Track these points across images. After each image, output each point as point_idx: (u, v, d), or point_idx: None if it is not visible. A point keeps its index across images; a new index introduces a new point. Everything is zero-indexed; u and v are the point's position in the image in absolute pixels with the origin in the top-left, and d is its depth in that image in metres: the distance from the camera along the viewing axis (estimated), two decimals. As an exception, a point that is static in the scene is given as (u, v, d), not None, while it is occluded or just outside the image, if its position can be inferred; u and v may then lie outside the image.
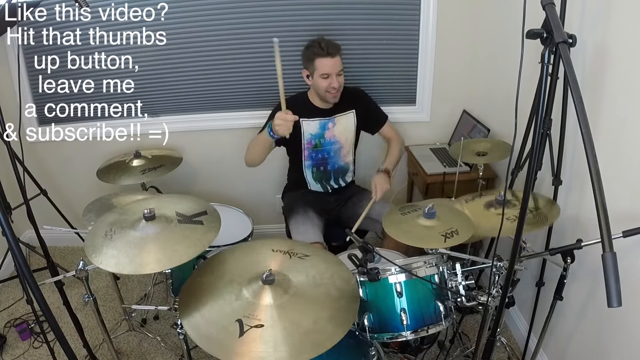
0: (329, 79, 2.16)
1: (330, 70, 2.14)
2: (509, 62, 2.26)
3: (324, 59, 2.12)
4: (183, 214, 1.50)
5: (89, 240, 1.40)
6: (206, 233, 1.42)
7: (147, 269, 1.31)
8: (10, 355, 2.26)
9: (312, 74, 2.19)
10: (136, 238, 1.38)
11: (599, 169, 0.89)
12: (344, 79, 2.23)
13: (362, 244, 1.46)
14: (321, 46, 2.12)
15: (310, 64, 2.17)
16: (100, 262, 1.30)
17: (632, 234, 1.31)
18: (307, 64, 2.20)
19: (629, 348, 1.52)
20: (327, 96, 2.22)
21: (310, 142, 2.34)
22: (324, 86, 2.18)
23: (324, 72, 2.14)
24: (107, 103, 2.72)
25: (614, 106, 1.51)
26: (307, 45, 2.21)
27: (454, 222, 1.61)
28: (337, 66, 2.15)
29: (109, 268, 1.30)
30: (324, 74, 2.14)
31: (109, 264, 1.30)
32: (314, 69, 2.16)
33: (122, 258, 1.31)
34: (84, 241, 1.37)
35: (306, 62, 2.21)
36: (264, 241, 1.57)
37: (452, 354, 2.17)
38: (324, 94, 2.21)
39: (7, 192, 2.14)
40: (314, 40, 2.19)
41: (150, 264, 1.31)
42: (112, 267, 1.30)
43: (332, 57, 2.12)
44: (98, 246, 1.36)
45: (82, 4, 1.83)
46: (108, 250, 1.34)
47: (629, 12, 1.41)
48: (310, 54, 2.16)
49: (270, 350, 1.14)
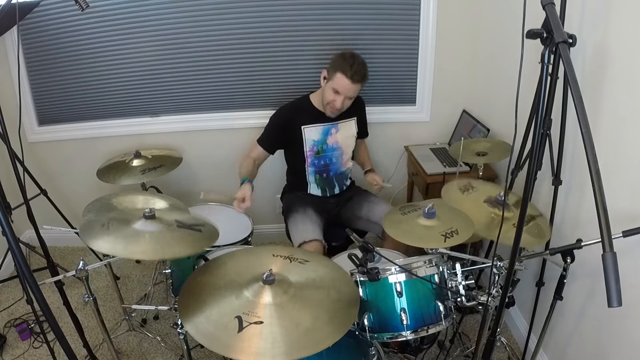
0: (337, 96, 2.14)
1: (343, 91, 2.12)
2: (509, 62, 2.27)
3: (347, 79, 2.08)
4: (183, 222, 1.51)
5: (84, 227, 1.41)
6: (203, 239, 1.44)
7: (139, 255, 1.32)
8: (10, 355, 2.26)
9: (328, 80, 2.16)
10: (134, 230, 1.40)
11: (599, 169, 0.89)
12: (350, 103, 2.21)
13: (362, 243, 1.46)
14: (352, 68, 2.07)
15: (333, 72, 2.12)
16: (93, 245, 1.32)
17: (632, 234, 1.31)
18: (330, 70, 2.15)
19: (628, 348, 1.52)
20: (326, 109, 2.22)
21: (313, 149, 2.33)
22: (329, 99, 2.17)
23: (337, 89, 2.12)
24: (107, 103, 2.73)
25: (614, 106, 1.51)
26: (343, 53, 2.15)
27: (454, 222, 1.61)
28: (351, 92, 2.13)
29: (103, 249, 1.32)
30: (336, 90, 2.13)
31: (103, 247, 1.32)
32: (332, 79, 2.13)
33: (117, 244, 1.33)
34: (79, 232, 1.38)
35: (331, 67, 2.15)
36: (265, 247, 1.59)
37: (452, 354, 2.17)
38: (324, 104, 2.22)
39: (7, 192, 2.14)
40: (352, 55, 2.13)
41: (144, 251, 1.32)
42: (105, 249, 1.31)
43: (353, 82, 2.09)
44: (94, 233, 1.38)
45: (83, 5, 1.83)
46: (104, 237, 1.36)
47: (629, 12, 1.41)
48: (338, 64, 2.10)
49: (268, 347, 1.15)
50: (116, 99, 2.71)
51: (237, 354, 1.15)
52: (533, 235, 1.66)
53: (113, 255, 1.53)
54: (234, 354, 1.15)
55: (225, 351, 1.17)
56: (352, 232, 1.53)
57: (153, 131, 2.79)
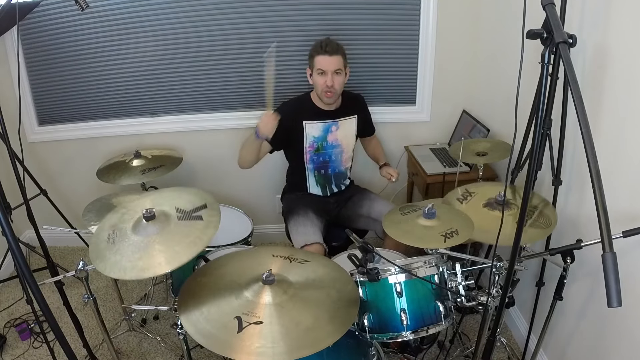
0: (324, 75, 2.16)
1: (326, 67, 2.14)
2: (509, 62, 2.26)
3: (322, 56, 2.15)
4: (183, 209, 1.50)
5: (93, 246, 1.41)
6: (206, 229, 1.43)
7: (149, 273, 1.31)
8: (10, 355, 2.26)
9: (312, 71, 2.21)
10: (138, 241, 1.39)
11: (599, 169, 0.89)
12: (343, 81, 2.22)
13: (362, 243, 1.46)
14: (321, 44, 2.16)
15: (311, 60, 2.20)
16: (104, 269, 1.32)
17: (632, 234, 1.30)
18: (310, 62, 2.23)
19: (629, 348, 1.52)
20: (323, 96, 2.22)
21: (313, 145, 2.34)
22: (321, 84, 2.18)
23: (320, 68, 2.16)
24: (107, 103, 2.73)
25: (614, 106, 1.51)
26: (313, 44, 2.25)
27: (454, 222, 1.61)
28: (333, 64, 2.15)
29: (114, 275, 1.30)
30: (320, 70, 2.16)
31: (113, 270, 1.31)
32: (313, 65, 2.19)
33: (125, 263, 1.32)
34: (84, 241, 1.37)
35: (309, 60, 2.23)
36: (265, 247, 1.58)
37: (452, 354, 2.17)
38: (320, 92, 2.22)
39: (7, 192, 2.14)
40: (320, 40, 2.22)
41: (152, 267, 1.31)
42: (116, 274, 1.31)
43: (330, 55, 2.14)
44: (102, 251, 1.37)
45: (83, 5, 1.82)
46: (111, 256, 1.35)
47: (629, 12, 1.41)
48: (312, 51, 2.20)
49: (268, 346, 1.15)
50: (116, 99, 2.71)
51: (236, 353, 1.15)
52: (540, 227, 1.65)
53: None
54: (233, 353, 1.16)
55: (225, 351, 1.17)
56: (351, 233, 1.53)
57: (153, 131, 2.79)
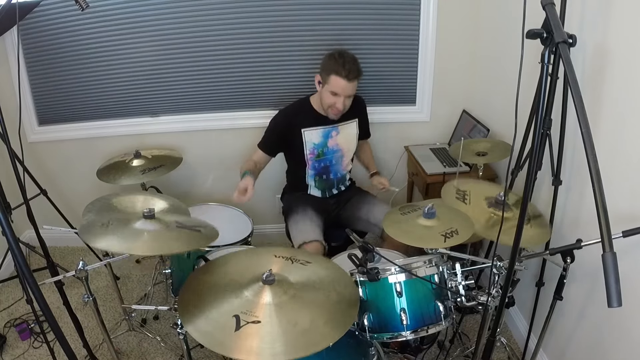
0: (336, 97, 2.11)
1: (342, 92, 2.09)
2: (509, 62, 2.26)
3: (341, 79, 2.05)
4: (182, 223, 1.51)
5: (85, 227, 1.41)
6: (202, 238, 1.44)
7: (137, 251, 1.32)
8: (10, 355, 2.26)
9: (324, 84, 2.14)
10: (133, 229, 1.40)
11: (599, 169, 0.89)
12: (351, 102, 2.19)
13: (362, 243, 1.46)
14: (344, 67, 2.03)
15: (326, 75, 2.10)
16: (92, 242, 1.32)
17: (632, 234, 1.31)
18: (323, 74, 2.13)
19: (628, 348, 1.52)
20: (329, 112, 2.20)
21: (313, 152, 2.32)
22: (329, 103, 2.14)
23: (334, 91, 2.10)
24: (107, 103, 2.73)
25: (614, 106, 1.51)
26: (331, 54, 2.11)
27: (453, 222, 1.61)
28: (349, 90, 2.10)
29: (100, 245, 1.31)
30: (334, 92, 2.10)
31: (101, 244, 1.32)
32: (327, 82, 2.10)
33: (114, 241, 1.33)
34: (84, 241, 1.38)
35: (323, 71, 2.13)
36: (267, 247, 1.58)
37: (452, 354, 2.17)
38: (326, 109, 2.19)
39: (7, 192, 2.14)
40: (340, 54, 2.09)
41: (141, 247, 1.32)
42: (103, 244, 1.31)
43: (349, 81, 2.06)
44: (94, 232, 1.38)
45: (83, 5, 1.82)
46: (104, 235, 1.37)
47: (629, 12, 1.41)
48: (330, 67, 2.07)
49: (266, 346, 1.15)
50: (116, 99, 2.71)
51: (234, 352, 1.15)
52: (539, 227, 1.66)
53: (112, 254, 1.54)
54: (231, 352, 1.16)
55: (222, 349, 1.17)
56: (351, 232, 1.53)
57: (153, 131, 2.79)
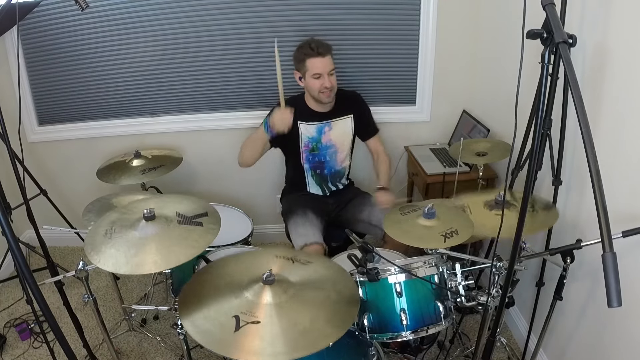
0: (320, 79, 2.14)
1: (322, 70, 2.12)
2: (509, 62, 2.26)
3: (315, 59, 2.11)
4: (183, 214, 1.50)
5: (89, 239, 1.41)
6: (204, 235, 1.43)
7: (144, 270, 1.32)
8: (10, 355, 2.26)
9: (304, 75, 2.18)
10: (135, 238, 1.39)
11: (599, 169, 0.89)
12: (336, 79, 2.21)
13: (362, 244, 1.46)
14: (311, 46, 2.11)
15: (302, 65, 2.16)
16: (98, 262, 1.31)
17: (632, 234, 1.30)
18: (299, 66, 2.19)
19: (628, 348, 1.52)
20: (321, 97, 2.20)
21: (308, 145, 2.33)
22: (317, 87, 2.16)
23: (316, 72, 2.13)
24: (107, 103, 2.73)
25: (614, 106, 1.51)
26: (298, 47, 2.20)
27: (453, 222, 1.61)
28: (328, 65, 2.14)
29: (107, 268, 1.30)
30: (316, 74, 2.13)
31: (107, 263, 1.31)
32: (305, 69, 2.15)
33: (120, 258, 1.32)
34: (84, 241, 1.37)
35: (297, 64, 2.19)
36: (268, 248, 1.58)
37: (452, 354, 2.17)
38: (317, 94, 2.20)
39: (7, 192, 2.14)
40: (303, 42, 2.18)
41: (147, 264, 1.31)
42: (110, 267, 1.30)
43: (323, 56, 2.11)
44: (97, 245, 1.37)
45: (83, 5, 1.82)
46: (107, 250, 1.35)
47: (629, 12, 1.41)
48: (301, 55, 2.15)
49: (265, 346, 1.15)
50: (116, 99, 2.72)
51: (233, 352, 1.15)
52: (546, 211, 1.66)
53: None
54: (230, 352, 1.16)
55: (222, 349, 1.17)
56: (351, 233, 1.53)
57: (153, 131, 2.79)
